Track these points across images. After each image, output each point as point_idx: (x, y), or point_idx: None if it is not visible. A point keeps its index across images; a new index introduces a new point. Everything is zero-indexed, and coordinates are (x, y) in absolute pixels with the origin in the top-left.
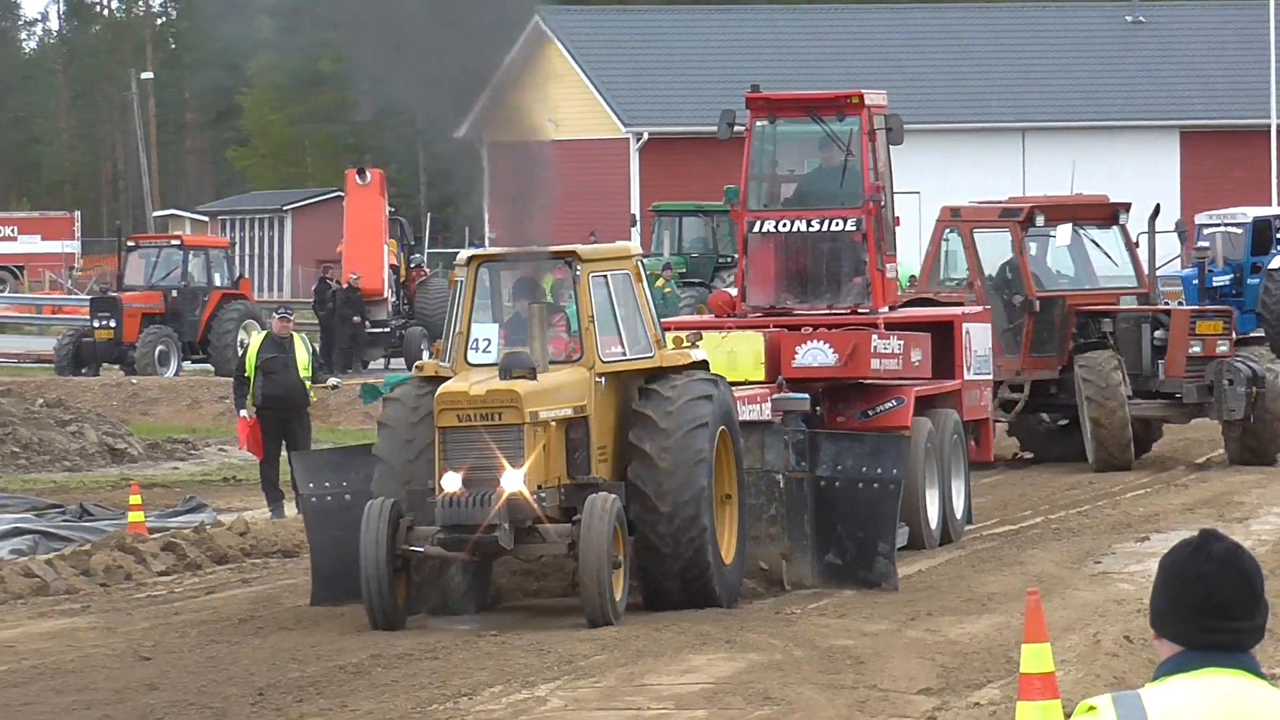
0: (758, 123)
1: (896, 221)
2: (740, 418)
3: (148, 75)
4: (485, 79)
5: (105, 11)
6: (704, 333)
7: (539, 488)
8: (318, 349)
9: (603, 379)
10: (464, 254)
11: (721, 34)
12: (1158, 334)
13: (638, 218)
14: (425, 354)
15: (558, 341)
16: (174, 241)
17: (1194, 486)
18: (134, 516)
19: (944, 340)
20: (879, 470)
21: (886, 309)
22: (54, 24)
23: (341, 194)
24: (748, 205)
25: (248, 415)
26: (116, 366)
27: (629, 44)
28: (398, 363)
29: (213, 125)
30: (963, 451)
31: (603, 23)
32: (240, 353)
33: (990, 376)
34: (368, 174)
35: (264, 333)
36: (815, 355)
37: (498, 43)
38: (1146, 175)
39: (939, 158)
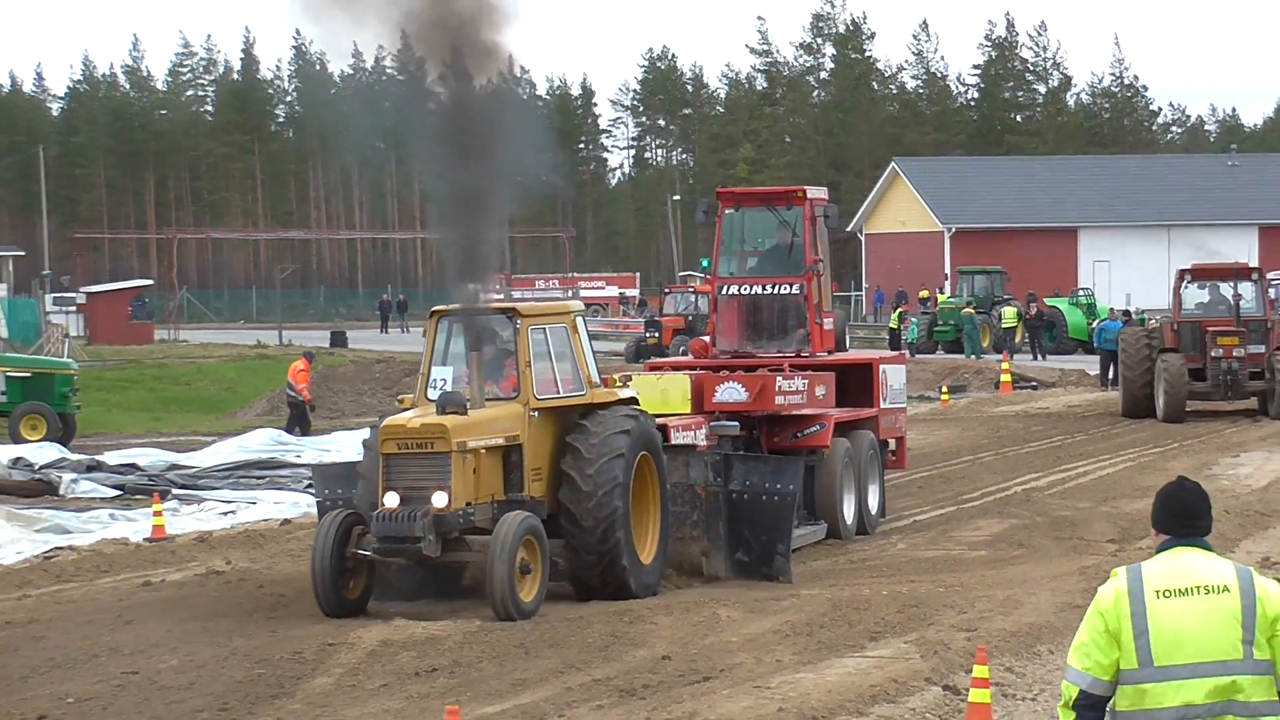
0: (726, 210)
1: (834, 287)
2: (674, 441)
3: (676, 198)
4: None
5: (654, 162)
6: (643, 374)
7: (467, 504)
8: None
9: (536, 413)
10: (432, 310)
11: (1000, 171)
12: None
13: (948, 275)
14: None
15: (507, 382)
16: (690, 288)
17: (1266, 426)
18: None
19: (866, 378)
20: (778, 485)
21: (826, 353)
22: (626, 169)
23: None
24: (718, 273)
25: None
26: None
27: (944, 175)
28: None
29: (709, 223)
30: (878, 463)
31: (931, 165)
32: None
33: (904, 405)
34: None
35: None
36: (731, 393)
37: None
38: (1241, 254)
39: (1119, 242)
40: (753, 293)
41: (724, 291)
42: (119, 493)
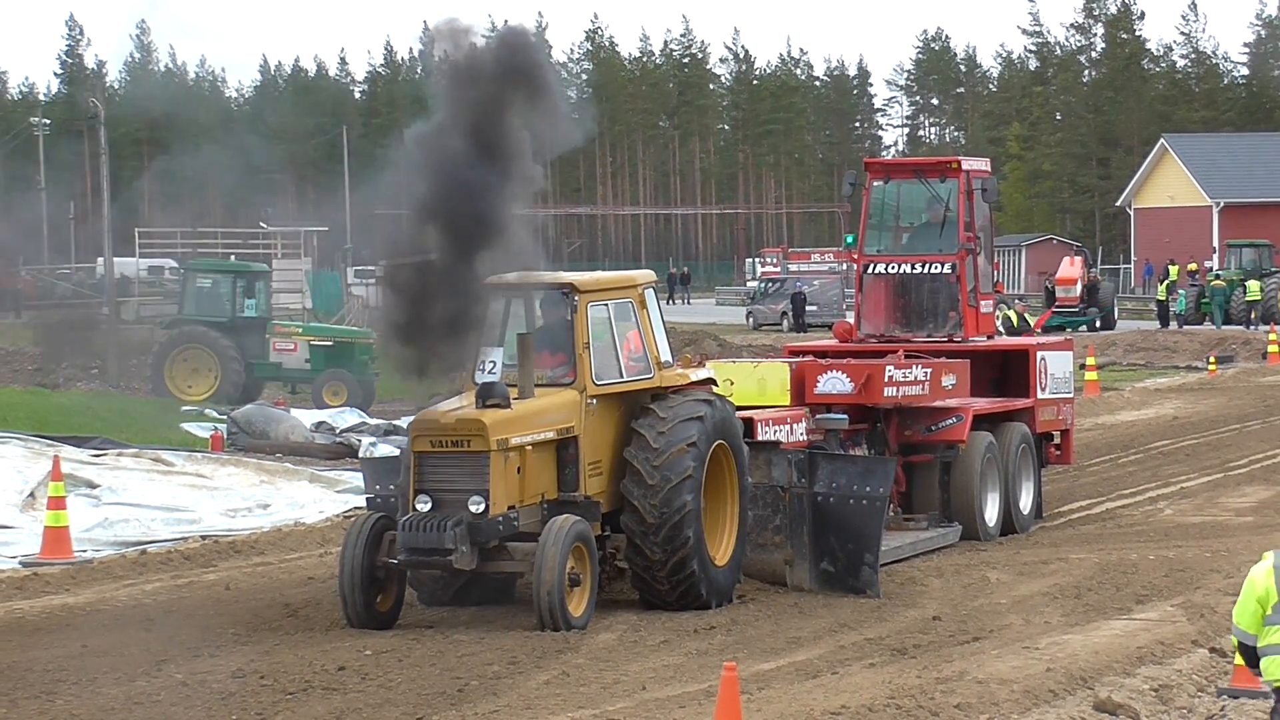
0: (875, 183)
1: (995, 266)
2: (760, 437)
3: None
4: None
5: (927, 140)
6: (737, 362)
7: (510, 508)
8: (1030, 321)
9: (594, 400)
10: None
11: (1269, 147)
12: None
13: (1215, 248)
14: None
15: (560, 361)
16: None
17: None
18: None
19: (1022, 366)
20: (867, 489)
21: (985, 338)
22: (900, 146)
23: (1050, 237)
24: (865, 250)
25: None
26: None
27: (1212, 151)
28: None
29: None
30: (1032, 458)
31: (1200, 141)
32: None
33: (1071, 395)
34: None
35: (1005, 310)
36: (834, 384)
37: None
38: None
39: None
40: (900, 272)
41: (870, 270)
42: None
